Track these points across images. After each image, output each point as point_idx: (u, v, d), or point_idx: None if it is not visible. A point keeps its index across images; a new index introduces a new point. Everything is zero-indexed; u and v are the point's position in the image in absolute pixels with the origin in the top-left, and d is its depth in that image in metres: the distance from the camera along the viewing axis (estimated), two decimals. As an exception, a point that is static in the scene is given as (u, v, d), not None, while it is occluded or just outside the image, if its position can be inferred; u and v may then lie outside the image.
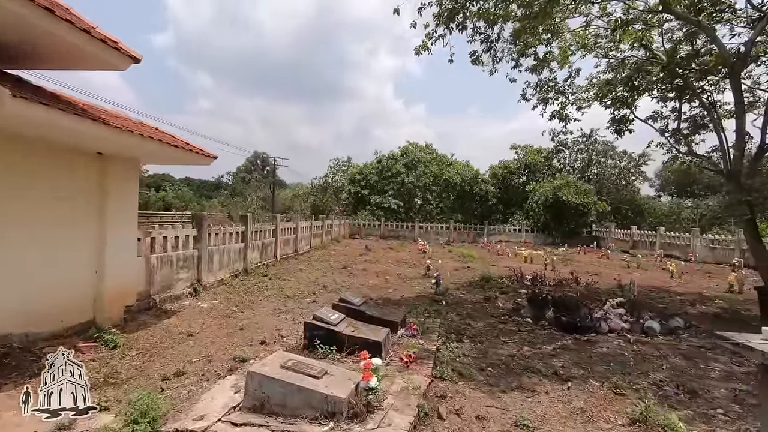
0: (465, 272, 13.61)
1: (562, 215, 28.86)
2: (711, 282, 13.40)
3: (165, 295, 7.70)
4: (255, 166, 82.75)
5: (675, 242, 21.44)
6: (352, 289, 10.05)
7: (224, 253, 10.29)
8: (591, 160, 36.50)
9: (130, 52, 4.47)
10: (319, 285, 10.22)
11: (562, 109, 10.26)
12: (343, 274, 12.14)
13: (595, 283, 11.40)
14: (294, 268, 13.19)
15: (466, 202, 34.89)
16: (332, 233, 24.52)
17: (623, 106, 9.80)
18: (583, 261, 17.82)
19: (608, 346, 5.95)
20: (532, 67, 10.35)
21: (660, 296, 10.29)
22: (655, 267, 16.73)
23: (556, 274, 13.09)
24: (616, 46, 8.93)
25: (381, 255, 18.06)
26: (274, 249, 14.09)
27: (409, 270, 13.71)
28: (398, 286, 10.65)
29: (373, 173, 34.73)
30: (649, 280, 13.30)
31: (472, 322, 7.23)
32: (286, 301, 8.38)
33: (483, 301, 9.01)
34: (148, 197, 57.32)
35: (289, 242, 15.96)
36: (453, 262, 16.23)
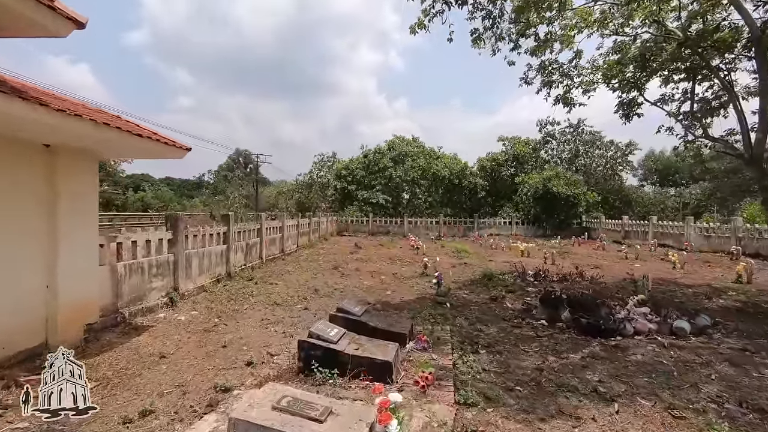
0: (463, 269, 12.93)
1: (552, 207, 28.52)
2: (714, 272, 13.03)
3: (135, 307, 6.77)
4: (237, 163, 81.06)
5: (668, 231, 21.22)
6: (346, 291, 9.25)
7: (204, 256, 9.36)
8: (578, 150, 36.31)
9: (69, 13, 3.55)
10: (309, 288, 9.38)
11: (567, 92, 9.61)
12: (334, 276, 11.31)
13: (600, 277, 10.85)
14: (281, 269, 12.31)
15: (455, 195, 34.32)
16: (319, 231, 23.61)
17: (633, 89, 9.20)
18: (580, 253, 17.37)
19: (642, 352, 5.30)
20: (532, 50, 9.65)
21: (670, 290, 9.77)
22: (653, 257, 16.37)
23: (558, 269, 12.54)
24: (627, 22, 8.31)
25: (372, 252, 17.27)
26: (259, 250, 13.17)
27: (404, 268, 12.96)
28: (396, 287, 9.89)
29: (360, 168, 33.84)
30: (652, 271, 12.82)
31: (483, 327, 6.51)
32: (275, 309, 7.53)
33: (489, 301, 8.32)
34: (126, 198, 55.40)
35: (275, 242, 15.04)
36: (448, 258, 15.56)
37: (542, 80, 9.53)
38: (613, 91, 9.58)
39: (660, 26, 7.97)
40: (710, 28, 7.64)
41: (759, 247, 16.18)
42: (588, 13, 8.32)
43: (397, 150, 33.98)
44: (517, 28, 9.25)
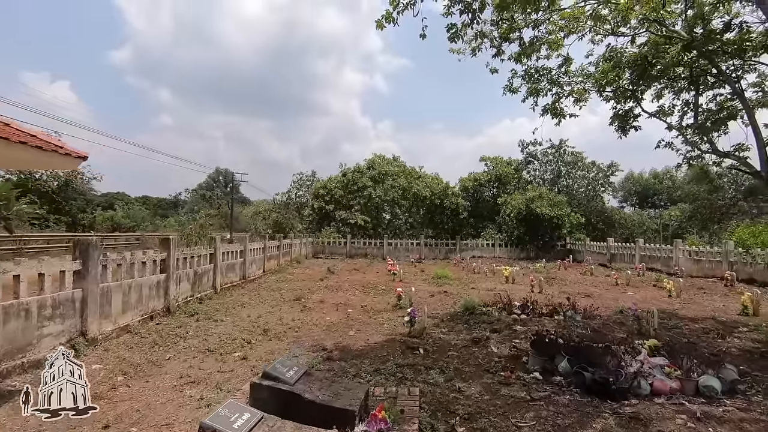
0: (442, 299, 11.58)
1: (536, 228, 27.67)
2: (712, 300, 12.02)
3: (12, 363, 5.18)
4: (217, 182, 79.19)
5: (656, 254, 20.39)
6: (302, 331, 7.77)
7: (132, 289, 7.79)
8: (560, 171, 35.91)
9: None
10: (259, 327, 7.87)
11: (556, 102, 8.59)
12: (294, 309, 9.81)
13: (595, 310, 9.66)
14: (236, 301, 10.74)
15: (436, 216, 33.26)
16: (292, 253, 22.05)
17: (629, 98, 8.25)
18: (568, 279, 16.24)
19: (670, 428, 4.00)
20: (516, 55, 8.65)
21: (674, 325, 8.60)
22: (644, 284, 15.35)
23: (547, 298, 11.32)
24: (623, 20, 7.37)
25: (345, 279, 15.80)
26: (213, 278, 11.59)
27: (376, 298, 11.54)
28: (363, 324, 8.45)
29: (338, 187, 32.58)
30: (648, 300, 11.75)
31: (463, 384, 5.14)
32: (205, 360, 6.01)
33: (471, 344, 6.96)
34: (94, 217, 52.78)
35: (235, 268, 13.46)
36: (427, 286, 14.21)
37: (528, 88, 8.50)
38: (606, 101, 8.62)
39: (661, 26, 7.08)
40: (720, 28, 6.78)
41: (753, 272, 15.35)
42: (580, 11, 7.37)
43: (377, 169, 32.91)
44: (500, 31, 8.26)
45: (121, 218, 56.75)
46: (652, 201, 53.67)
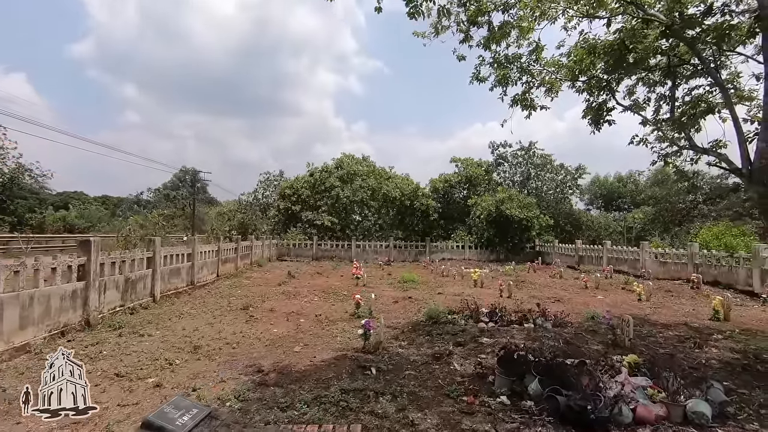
0: (406, 305, 10.77)
1: (505, 230, 27.39)
2: (681, 304, 11.75)
3: None
4: (183, 182, 76.11)
5: (623, 257, 20.34)
6: (240, 348, 6.74)
7: (36, 301, 6.55)
8: (530, 173, 35.99)
9: None
10: (190, 344, 6.78)
11: (526, 92, 7.94)
12: (239, 320, 8.74)
13: (566, 316, 9.10)
14: (176, 311, 9.56)
15: (406, 217, 32.57)
16: (252, 256, 20.77)
17: (603, 90, 7.69)
18: (537, 282, 15.78)
19: (662, 472, 3.28)
20: (484, 41, 7.95)
21: (648, 333, 8.10)
22: (613, 287, 15.07)
23: (516, 303, 10.71)
24: (599, 2, 6.78)
25: (305, 283, 14.77)
26: (150, 284, 10.33)
27: (335, 306, 10.60)
28: (313, 337, 7.50)
29: (306, 187, 31.37)
30: (618, 305, 11.35)
31: (417, 416, 4.30)
32: (107, 389, 4.91)
33: (432, 360, 6.15)
34: (43, 217, 49.27)
35: (180, 272, 12.20)
36: (392, 291, 13.38)
37: (496, 75, 7.80)
38: (579, 92, 8.03)
39: (638, 9, 6.52)
40: (701, 12, 6.29)
41: (717, 274, 15.34)
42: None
43: (345, 169, 31.90)
44: (467, 14, 7.53)
45: (74, 218, 53.26)
46: (616, 204, 55.02)
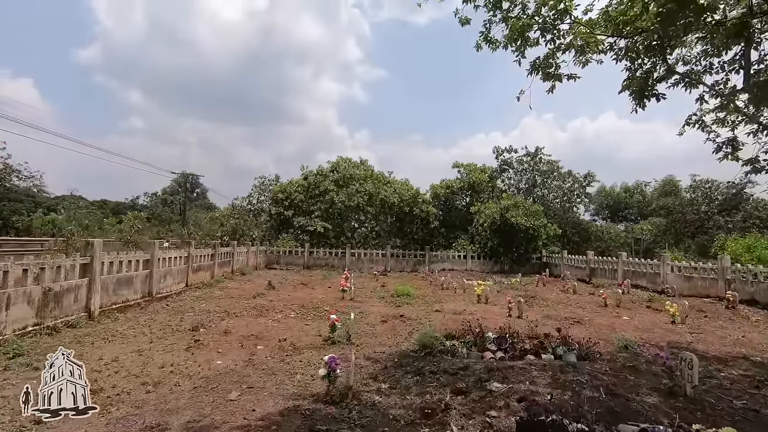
0: (396, 327, 8.93)
1: (510, 239, 25.52)
2: (722, 328, 9.88)
3: None
4: (183, 187, 75.00)
5: (640, 270, 18.43)
6: (160, 390, 4.91)
7: None
8: (536, 180, 34.19)
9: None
10: (93, 382, 4.97)
11: (550, 56, 6.18)
12: (180, 345, 6.91)
13: (593, 344, 7.27)
14: (110, 331, 7.76)
15: (405, 224, 30.76)
16: (234, 264, 18.96)
17: (652, 53, 5.91)
18: (549, 298, 13.89)
19: None
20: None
21: (703, 370, 6.26)
22: (636, 305, 13.16)
23: (529, 326, 8.84)
24: None
25: (284, 296, 12.95)
26: (86, 296, 8.52)
27: (309, 326, 8.78)
28: (264, 374, 5.65)
29: (299, 192, 29.65)
30: (650, 329, 9.50)
31: None
32: None
33: (421, 419, 4.31)
34: (31, 220, 47.83)
35: (133, 282, 10.39)
36: (382, 307, 11.54)
37: (510, 29, 6.01)
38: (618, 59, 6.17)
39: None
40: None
41: (754, 291, 13.46)
42: None
43: (341, 172, 30.18)
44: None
45: (63, 222, 51.77)
46: (623, 215, 53.19)
